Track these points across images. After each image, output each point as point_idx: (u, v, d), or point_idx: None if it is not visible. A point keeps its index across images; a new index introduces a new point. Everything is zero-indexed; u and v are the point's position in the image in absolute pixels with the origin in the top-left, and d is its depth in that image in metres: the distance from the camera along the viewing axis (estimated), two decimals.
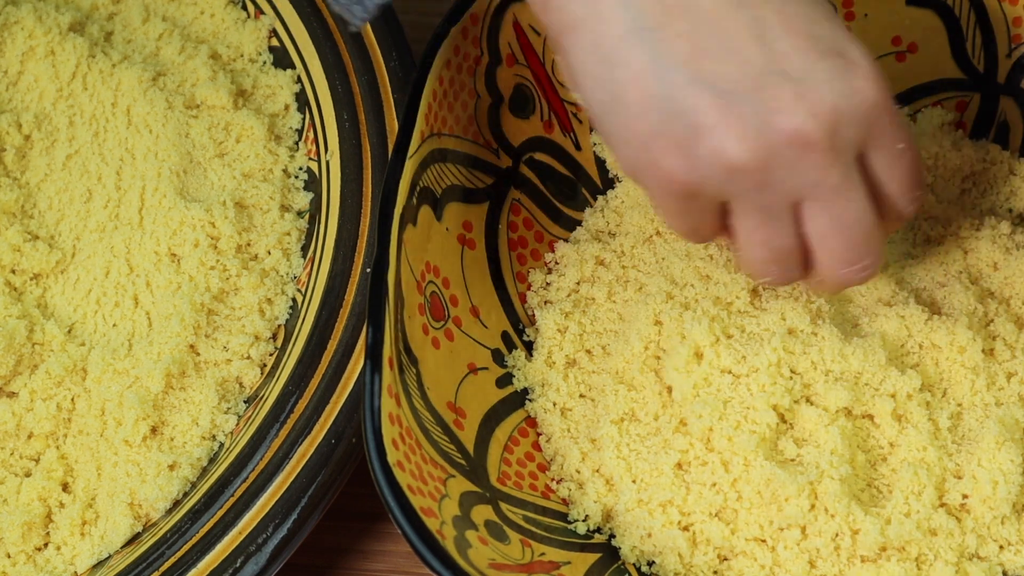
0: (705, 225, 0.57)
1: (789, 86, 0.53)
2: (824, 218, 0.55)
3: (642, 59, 0.53)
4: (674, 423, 0.62)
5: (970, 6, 0.70)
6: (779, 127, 0.53)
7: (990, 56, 0.71)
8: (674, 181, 0.54)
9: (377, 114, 0.71)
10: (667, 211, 0.57)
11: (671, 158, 0.54)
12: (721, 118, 0.53)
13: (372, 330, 0.59)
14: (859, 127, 0.54)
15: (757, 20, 0.53)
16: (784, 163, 0.53)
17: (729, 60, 0.53)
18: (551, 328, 0.66)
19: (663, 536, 0.61)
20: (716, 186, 0.54)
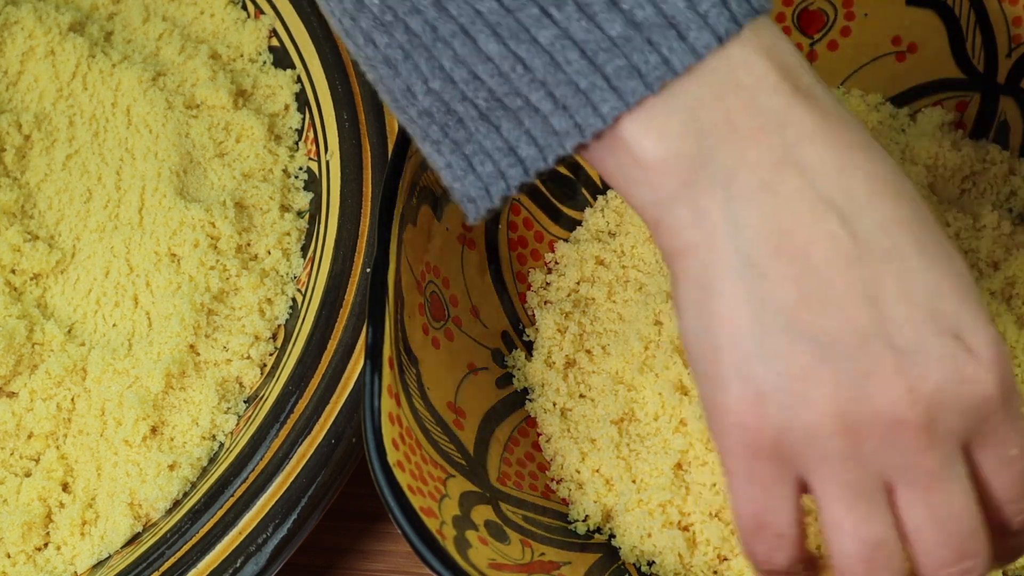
0: (773, 508, 0.49)
1: (892, 356, 0.47)
2: (921, 507, 0.48)
3: (741, 295, 0.48)
4: (674, 423, 0.62)
5: (970, 6, 0.70)
6: (871, 395, 0.47)
7: (990, 56, 0.71)
8: (747, 429, 0.48)
9: (377, 114, 0.71)
10: (734, 473, 0.49)
11: (750, 403, 0.48)
12: (812, 369, 0.47)
13: (372, 330, 0.59)
14: (964, 419, 0.48)
15: (873, 281, 0.48)
16: (875, 437, 0.47)
17: (833, 316, 0.47)
18: (550, 328, 0.66)
19: (663, 536, 0.61)
20: (794, 446, 0.48)
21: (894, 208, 0.48)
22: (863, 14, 0.71)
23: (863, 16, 0.71)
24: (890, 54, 0.71)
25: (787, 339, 0.47)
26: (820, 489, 0.49)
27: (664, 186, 0.48)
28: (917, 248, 0.48)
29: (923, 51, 0.71)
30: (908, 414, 0.47)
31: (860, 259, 0.48)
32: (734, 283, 0.48)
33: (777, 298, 0.47)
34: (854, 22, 0.71)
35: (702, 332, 0.49)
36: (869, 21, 0.71)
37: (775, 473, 0.49)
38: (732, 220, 0.47)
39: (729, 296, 0.48)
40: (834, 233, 0.47)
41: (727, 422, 0.48)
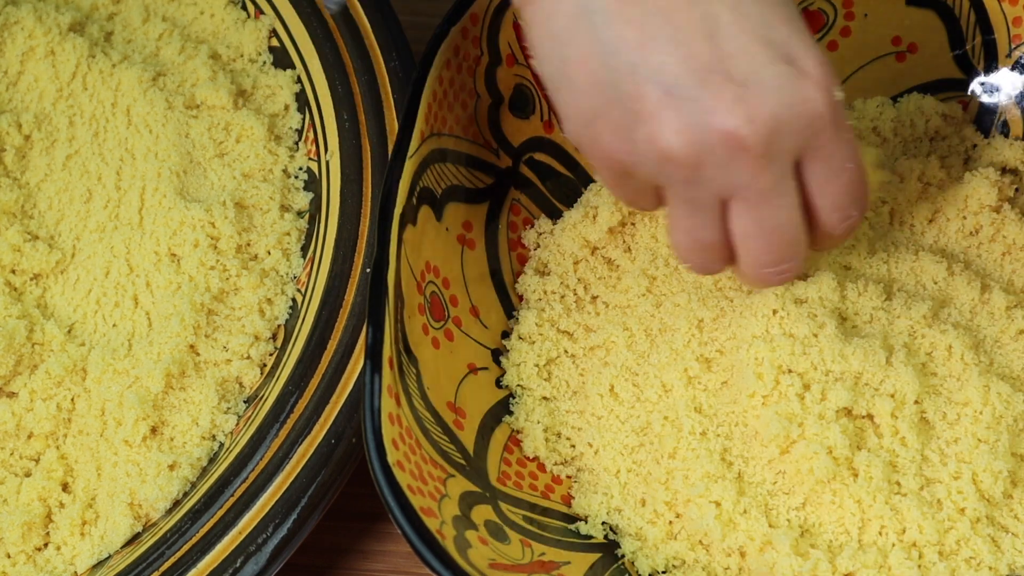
0: (643, 200, 0.58)
1: (731, 88, 0.52)
2: (748, 219, 0.56)
3: (589, 41, 0.53)
4: (667, 421, 0.63)
5: (970, 6, 0.70)
6: (714, 127, 0.53)
7: (990, 56, 0.71)
8: (612, 158, 0.56)
9: (377, 114, 0.71)
10: (608, 182, 0.58)
11: (610, 137, 0.55)
12: (659, 109, 0.53)
13: (372, 330, 0.59)
14: (798, 136, 0.54)
15: (709, 16, 0.53)
16: (715, 162, 0.54)
17: (675, 53, 0.53)
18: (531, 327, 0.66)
19: (663, 536, 0.61)
20: (649, 171, 0.55)
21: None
22: (863, 14, 0.71)
23: (863, 16, 0.71)
24: (890, 54, 0.71)
25: (634, 81, 0.53)
26: (668, 199, 0.57)
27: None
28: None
29: (923, 51, 0.71)
30: (748, 140, 0.53)
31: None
32: (583, 30, 0.53)
33: (622, 40, 0.53)
34: (854, 22, 0.71)
35: (560, 78, 0.55)
36: (869, 21, 0.71)
37: (639, 184, 0.57)
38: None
39: (579, 43, 0.54)
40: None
41: (594, 151, 0.56)
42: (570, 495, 0.64)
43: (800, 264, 0.59)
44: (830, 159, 0.55)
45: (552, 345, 0.66)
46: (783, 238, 0.57)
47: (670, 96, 0.53)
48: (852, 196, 0.57)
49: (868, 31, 0.71)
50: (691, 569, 0.60)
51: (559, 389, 0.66)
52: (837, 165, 0.56)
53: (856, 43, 0.72)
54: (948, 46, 0.71)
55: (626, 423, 0.64)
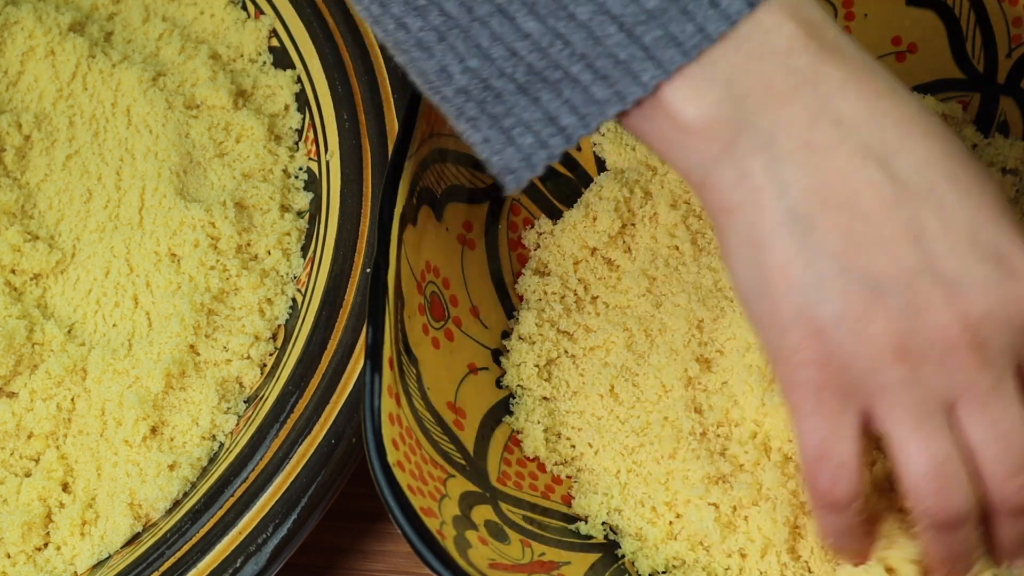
0: (837, 439, 0.52)
1: (941, 288, 0.50)
2: (981, 423, 0.51)
3: (793, 247, 0.50)
4: (667, 421, 0.62)
5: (970, 6, 0.70)
6: (927, 324, 0.50)
7: (990, 56, 0.71)
8: (811, 365, 0.51)
9: (377, 114, 0.71)
10: (800, 406, 0.52)
11: (812, 342, 0.51)
12: (868, 307, 0.50)
13: (372, 330, 0.59)
14: (1013, 337, 0.51)
15: (915, 220, 0.50)
16: (932, 361, 0.50)
17: (882, 256, 0.50)
18: (531, 328, 0.66)
19: (663, 536, 0.61)
20: (856, 378, 0.51)
21: (925, 148, 0.51)
22: (863, 14, 0.71)
23: (863, 16, 0.71)
24: (890, 54, 0.71)
25: (841, 282, 0.50)
26: (885, 415, 0.51)
27: (707, 150, 0.51)
28: (951, 183, 0.51)
29: (923, 51, 0.71)
30: (961, 339, 0.50)
31: (900, 201, 0.50)
32: (784, 237, 0.50)
33: (828, 246, 0.50)
34: (854, 22, 0.71)
35: (757, 285, 0.51)
36: (869, 21, 0.71)
37: (838, 404, 0.51)
38: (776, 178, 0.50)
39: (781, 250, 0.50)
40: (874, 179, 0.50)
41: (792, 362, 0.51)
42: (570, 495, 0.64)
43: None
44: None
45: (552, 345, 0.66)
46: (1021, 438, 0.52)
47: (879, 297, 0.50)
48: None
49: (868, 31, 0.71)
50: (691, 569, 0.60)
51: (559, 389, 0.66)
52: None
53: None
54: (948, 46, 0.71)
55: (626, 423, 0.64)
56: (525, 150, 0.52)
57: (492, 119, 0.52)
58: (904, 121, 0.51)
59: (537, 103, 0.51)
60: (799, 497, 0.60)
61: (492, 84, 0.51)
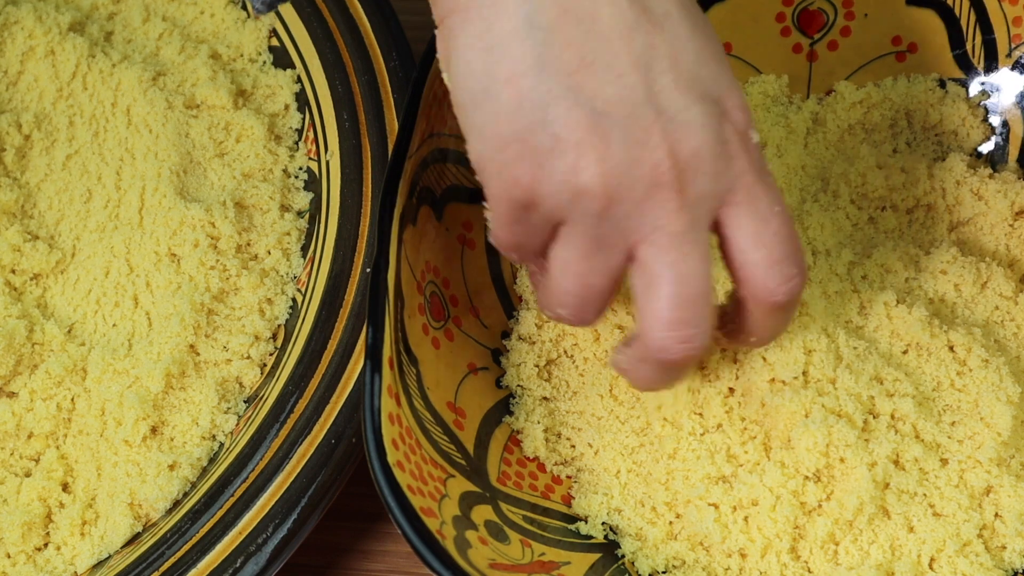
0: (530, 243, 0.55)
1: (658, 123, 0.51)
2: (657, 265, 0.52)
3: (526, 59, 0.51)
4: (667, 421, 0.62)
5: (970, 6, 0.70)
6: (637, 159, 0.51)
7: (990, 56, 0.71)
8: (518, 187, 0.52)
9: (377, 114, 0.71)
10: (498, 217, 0.54)
11: (524, 164, 0.52)
12: (586, 137, 0.51)
13: (372, 330, 0.59)
14: (718, 180, 0.51)
15: (648, 48, 0.51)
16: (632, 197, 0.51)
17: (611, 82, 0.50)
18: (531, 327, 0.66)
19: (663, 536, 0.61)
20: (557, 204, 0.52)
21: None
22: (863, 14, 0.71)
23: (863, 16, 0.71)
24: (890, 54, 0.71)
25: (566, 105, 0.50)
26: (566, 239, 0.53)
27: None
28: (685, 13, 0.52)
29: (923, 51, 0.71)
30: (667, 176, 0.51)
31: (638, 26, 0.51)
32: (519, 45, 0.50)
33: (561, 62, 0.50)
34: (854, 22, 0.71)
35: (482, 93, 0.51)
36: (869, 21, 0.71)
37: (537, 220, 0.53)
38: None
39: (513, 58, 0.51)
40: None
41: (502, 177, 0.52)
42: (570, 495, 0.64)
43: (705, 335, 0.53)
44: (755, 203, 0.52)
45: (552, 346, 0.66)
46: (689, 289, 0.52)
47: (598, 124, 0.50)
48: (787, 248, 0.53)
49: (868, 31, 0.71)
50: (691, 569, 0.60)
51: (559, 389, 0.66)
52: (764, 209, 0.53)
53: (856, 43, 0.72)
54: (948, 46, 0.71)
55: (626, 423, 0.64)
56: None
57: None
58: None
59: None
60: (799, 497, 0.60)
61: None
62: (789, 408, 0.61)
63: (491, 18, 0.51)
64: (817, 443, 0.60)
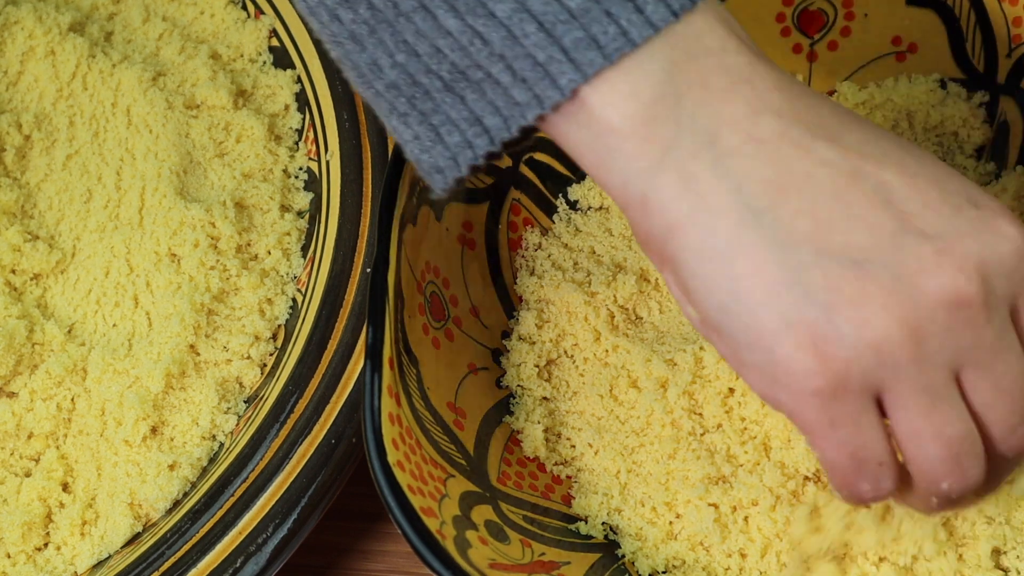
0: (866, 441, 0.48)
1: (928, 244, 0.46)
2: (986, 383, 0.48)
3: (761, 246, 0.46)
4: (667, 422, 0.62)
5: (970, 6, 0.70)
6: (926, 288, 0.46)
7: (990, 56, 0.71)
8: (814, 375, 0.46)
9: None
10: (815, 428, 0.47)
11: (806, 350, 0.46)
12: (858, 289, 0.46)
13: (372, 330, 0.59)
14: (1011, 280, 0.48)
15: (880, 185, 0.47)
16: (938, 328, 0.46)
17: (857, 229, 0.46)
18: (531, 328, 0.66)
19: (663, 536, 0.61)
20: (865, 371, 0.46)
21: (863, 127, 0.49)
22: (863, 14, 0.71)
23: (863, 16, 0.71)
24: (890, 54, 0.71)
25: (821, 268, 0.46)
26: (895, 403, 0.47)
27: (642, 155, 0.47)
28: (903, 150, 0.49)
29: (923, 51, 0.71)
30: (967, 290, 0.46)
31: (860, 172, 0.47)
32: (749, 238, 0.46)
33: (798, 232, 0.46)
34: (854, 22, 0.71)
35: (731, 302, 0.47)
36: (869, 21, 0.71)
37: (855, 407, 0.47)
38: (726, 177, 0.46)
39: (748, 253, 0.46)
40: (827, 157, 0.47)
41: (793, 379, 0.46)
42: (570, 495, 0.64)
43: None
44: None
45: (552, 346, 0.66)
46: (1021, 392, 0.48)
47: (866, 271, 0.46)
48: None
49: (868, 31, 0.71)
50: (691, 569, 0.60)
51: (559, 390, 0.66)
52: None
53: (856, 43, 0.72)
54: (948, 46, 0.71)
55: (626, 424, 0.64)
56: (453, 149, 0.50)
57: (421, 116, 0.50)
58: (840, 111, 0.49)
59: (463, 102, 0.49)
60: (799, 497, 0.60)
61: (420, 80, 0.49)
62: None
63: (709, 223, 0.47)
64: None
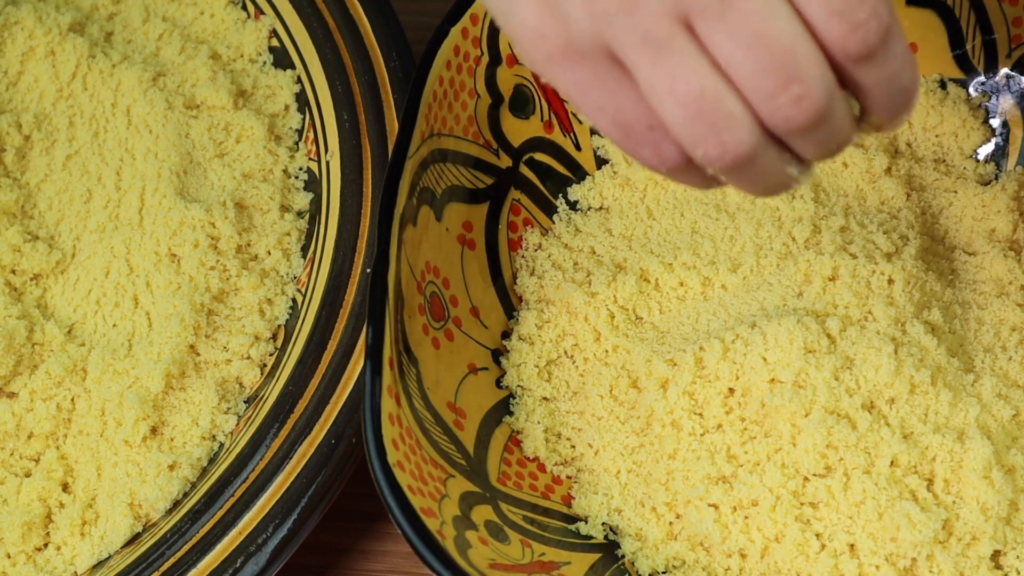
0: (620, 101, 0.46)
1: None
2: (721, 36, 0.43)
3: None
4: (667, 422, 0.63)
5: (970, 6, 0.70)
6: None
7: (990, 56, 0.71)
8: (545, 37, 0.45)
9: (377, 114, 0.71)
10: (568, 92, 0.46)
11: (532, 10, 0.45)
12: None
13: (372, 330, 0.59)
14: None
15: None
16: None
17: None
18: (531, 328, 0.66)
19: (663, 536, 0.61)
20: (585, 31, 0.45)
21: None
22: None
23: None
24: None
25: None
26: (626, 59, 0.45)
27: None
28: None
29: (923, 51, 0.71)
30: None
31: None
32: None
33: None
34: None
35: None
36: None
37: (595, 69, 0.45)
38: None
39: None
40: None
41: (530, 44, 0.46)
42: (570, 495, 0.64)
43: (821, 86, 0.43)
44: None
45: (552, 346, 0.66)
46: (774, 45, 0.43)
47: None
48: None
49: None
50: (691, 569, 0.60)
51: (559, 390, 0.66)
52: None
53: None
54: (948, 46, 0.71)
55: (626, 424, 0.64)
56: None
57: None
58: None
59: None
60: (799, 498, 0.60)
61: None
62: (789, 408, 0.61)
63: None
64: (817, 443, 0.60)
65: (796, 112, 0.44)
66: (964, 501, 0.60)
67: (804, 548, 0.59)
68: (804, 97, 0.44)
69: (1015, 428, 0.62)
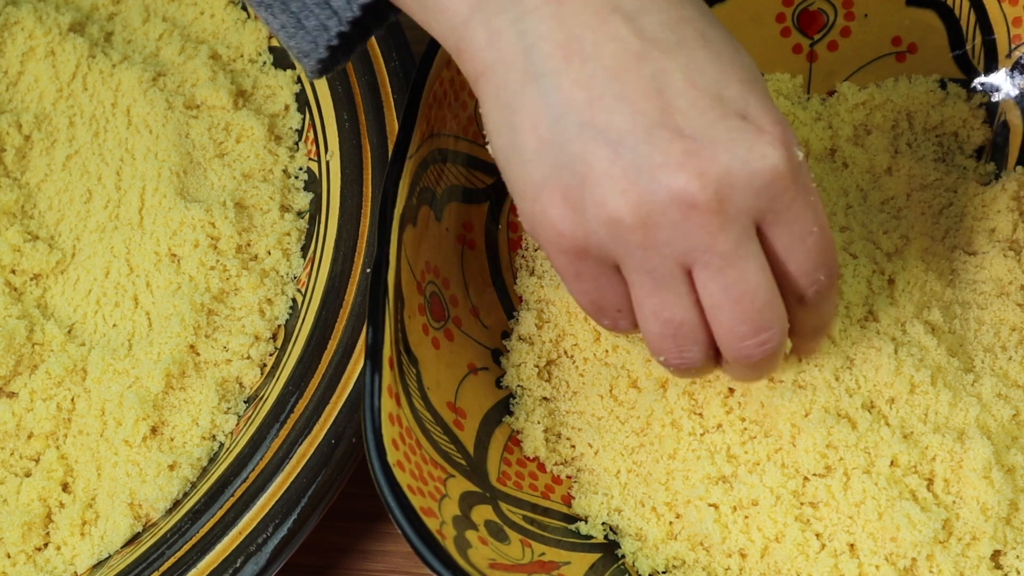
0: (604, 294, 0.54)
1: (680, 143, 0.49)
2: (715, 287, 0.51)
3: (539, 106, 0.50)
4: (667, 422, 0.63)
5: (970, 6, 0.70)
6: (663, 183, 0.49)
7: (990, 56, 0.71)
8: (562, 235, 0.52)
9: (377, 114, 0.71)
10: (563, 274, 0.54)
11: (558, 208, 0.51)
12: (606, 168, 0.50)
13: (372, 330, 0.59)
14: (756, 196, 0.50)
15: (660, 74, 0.50)
16: (668, 223, 0.50)
17: (622, 111, 0.50)
18: (531, 328, 0.66)
19: (663, 536, 0.61)
20: (602, 242, 0.51)
21: (676, 9, 0.51)
22: (863, 14, 0.71)
23: (863, 16, 0.71)
24: (890, 54, 0.71)
25: (582, 140, 0.50)
26: (628, 279, 0.52)
27: (457, 11, 0.52)
28: (702, 42, 0.51)
29: (923, 51, 0.71)
30: (699, 197, 0.49)
31: (645, 56, 0.50)
32: (531, 95, 0.50)
33: (570, 101, 0.50)
34: (854, 22, 0.71)
35: (510, 149, 0.52)
36: (869, 21, 0.71)
37: (596, 268, 0.53)
38: (524, 35, 0.50)
39: (528, 108, 0.51)
40: (619, 33, 0.50)
41: (546, 232, 0.52)
42: (570, 495, 0.64)
43: (781, 335, 0.53)
44: (793, 224, 0.51)
45: (552, 346, 0.66)
46: (755, 303, 0.52)
47: (617, 154, 0.49)
48: (818, 258, 0.53)
49: (868, 31, 0.71)
50: (691, 569, 0.60)
51: (559, 390, 0.66)
52: (801, 230, 0.52)
53: (856, 43, 0.72)
54: (948, 46, 0.71)
55: (626, 424, 0.64)
56: (312, 32, 0.55)
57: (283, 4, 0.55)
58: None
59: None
60: (800, 497, 0.60)
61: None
62: (789, 408, 0.61)
63: (503, 76, 0.51)
64: (817, 443, 0.60)
65: (757, 352, 0.53)
66: (964, 501, 0.60)
67: (804, 548, 0.59)
68: (767, 342, 0.53)
69: (1015, 428, 0.62)
